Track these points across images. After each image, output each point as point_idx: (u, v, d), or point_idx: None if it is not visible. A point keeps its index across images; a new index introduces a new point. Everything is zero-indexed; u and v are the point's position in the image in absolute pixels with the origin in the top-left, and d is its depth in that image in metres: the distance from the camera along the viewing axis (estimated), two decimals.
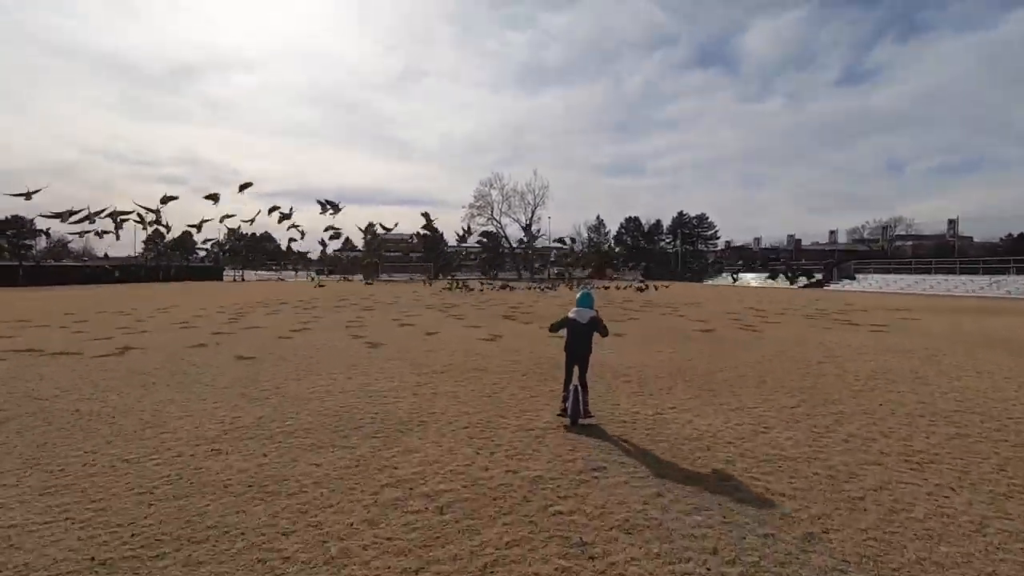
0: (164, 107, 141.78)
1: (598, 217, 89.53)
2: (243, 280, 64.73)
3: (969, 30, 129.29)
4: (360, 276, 61.73)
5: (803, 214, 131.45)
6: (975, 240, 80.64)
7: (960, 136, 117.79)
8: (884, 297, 30.21)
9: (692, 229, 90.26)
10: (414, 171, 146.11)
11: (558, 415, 5.26)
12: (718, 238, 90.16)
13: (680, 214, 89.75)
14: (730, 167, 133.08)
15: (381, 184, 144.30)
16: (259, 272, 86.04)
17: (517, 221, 77.80)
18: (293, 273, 77.67)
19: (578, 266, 66.22)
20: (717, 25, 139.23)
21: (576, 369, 5.14)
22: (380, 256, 67.36)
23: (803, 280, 48.22)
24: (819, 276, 47.94)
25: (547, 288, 38.66)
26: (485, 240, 71.29)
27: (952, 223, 67.89)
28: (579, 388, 5.07)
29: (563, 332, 5.38)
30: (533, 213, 76.79)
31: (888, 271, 42.13)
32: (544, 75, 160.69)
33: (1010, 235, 72.85)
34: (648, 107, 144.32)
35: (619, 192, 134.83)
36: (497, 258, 77.07)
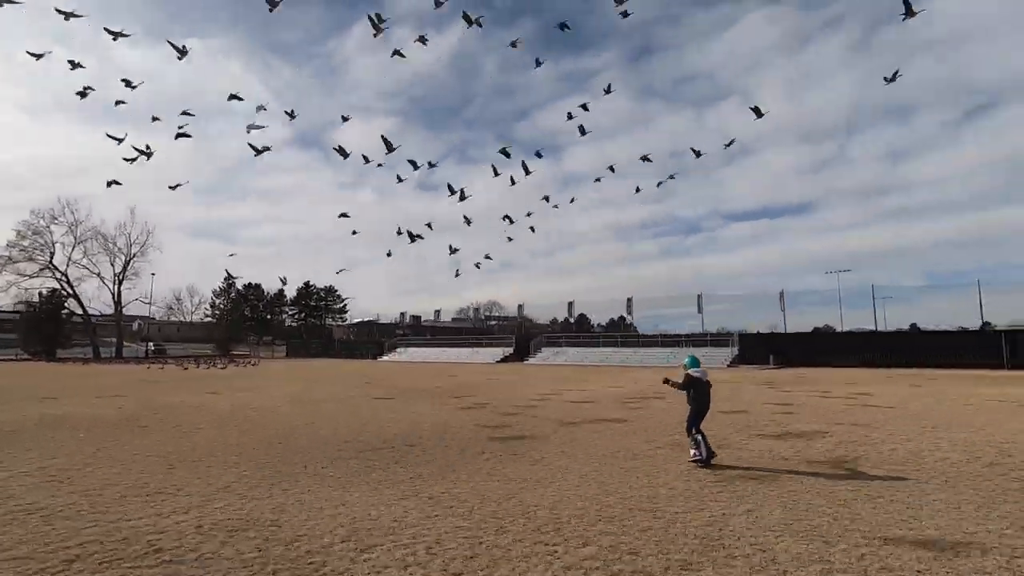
0: None
1: (228, 278, 65.46)
2: None
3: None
4: None
5: (391, 296, 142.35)
6: (536, 321, 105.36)
7: (496, 242, 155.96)
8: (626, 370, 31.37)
9: (319, 302, 79.21)
10: None
11: (693, 461, 6.68)
12: (347, 311, 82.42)
13: (307, 284, 77.36)
14: (332, 247, 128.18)
15: None
16: None
17: (99, 277, 47.89)
18: None
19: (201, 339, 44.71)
20: (318, 114, 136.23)
21: (697, 420, 6.83)
22: None
23: (500, 354, 47.44)
24: (511, 350, 48.32)
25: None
26: (36, 301, 38.98)
27: (521, 307, 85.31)
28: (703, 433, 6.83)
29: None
30: (127, 267, 49.14)
31: (580, 344, 46.46)
32: (110, 110, 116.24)
33: (567, 319, 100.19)
34: (243, 174, 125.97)
35: (206, 256, 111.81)
36: (56, 327, 42.97)
